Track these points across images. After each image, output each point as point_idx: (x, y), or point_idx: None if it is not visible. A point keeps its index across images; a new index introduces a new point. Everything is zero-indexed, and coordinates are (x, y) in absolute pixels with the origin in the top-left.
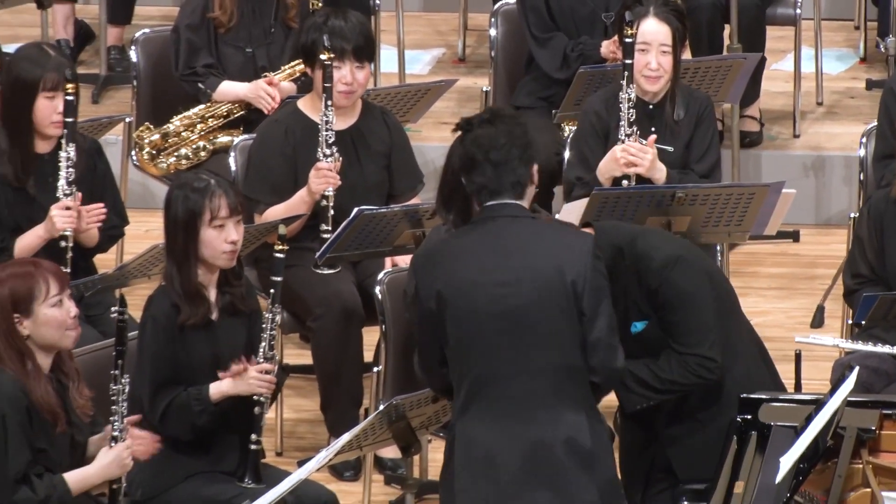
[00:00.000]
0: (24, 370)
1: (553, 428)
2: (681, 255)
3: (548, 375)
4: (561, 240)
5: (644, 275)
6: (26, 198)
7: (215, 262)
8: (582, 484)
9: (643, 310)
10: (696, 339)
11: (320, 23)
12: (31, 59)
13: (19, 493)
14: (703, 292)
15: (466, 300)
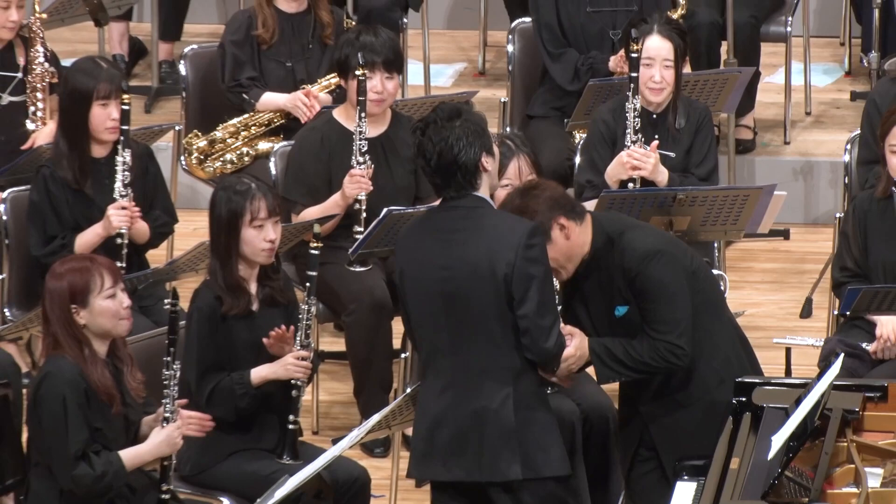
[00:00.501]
0: (81, 356)
1: (481, 401)
2: (662, 249)
3: (479, 353)
4: (497, 230)
5: (627, 263)
6: (84, 198)
7: (255, 258)
8: (503, 456)
9: (625, 296)
10: (666, 327)
11: (353, 38)
12: (85, 70)
13: (78, 469)
14: (678, 286)
15: (416, 281)
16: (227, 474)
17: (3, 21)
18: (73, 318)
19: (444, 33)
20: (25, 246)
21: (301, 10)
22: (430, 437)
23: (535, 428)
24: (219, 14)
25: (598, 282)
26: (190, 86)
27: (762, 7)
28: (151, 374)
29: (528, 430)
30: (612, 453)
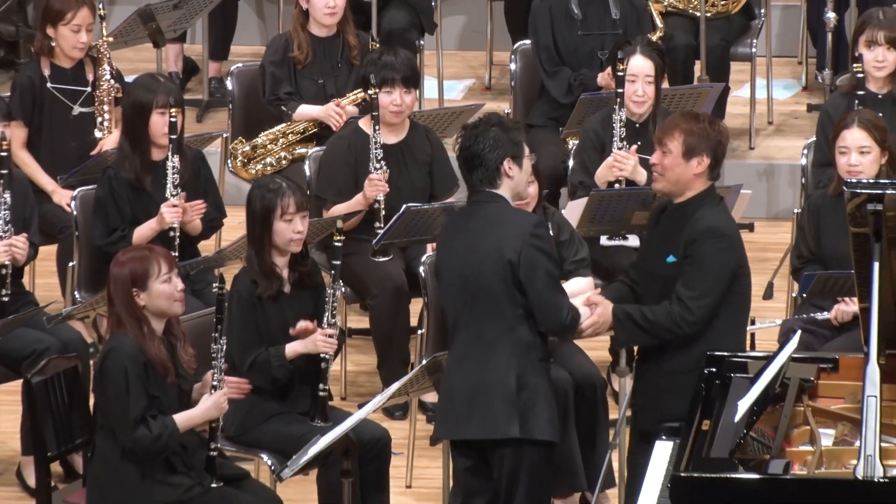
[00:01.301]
0: (141, 333)
1: (488, 372)
2: (727, 234)
3: (489, 329)
4: (506, 222)
5: (695, 228)
6: (144, 196)
7: (286, 248)
8: (504, 421)
9: (678, 252)
10: (691, 293)
11: (376, 58)
12: (144, 85)
13: (138, 432)
14: (720, 269)
15: (444, 266)
16: (266, 435)
17: (75, 42)
18: (133, 300)
19: (455, 54)
20: (92, 237)
21: (331, 35)
22: (448, 403)
23: (533, 396)
24: (260, 37)
25: (671, 228)
26: (236, 99)
27: (731, 31)
28: (201, 349)
29: (528, 397)
30: (600, 417)
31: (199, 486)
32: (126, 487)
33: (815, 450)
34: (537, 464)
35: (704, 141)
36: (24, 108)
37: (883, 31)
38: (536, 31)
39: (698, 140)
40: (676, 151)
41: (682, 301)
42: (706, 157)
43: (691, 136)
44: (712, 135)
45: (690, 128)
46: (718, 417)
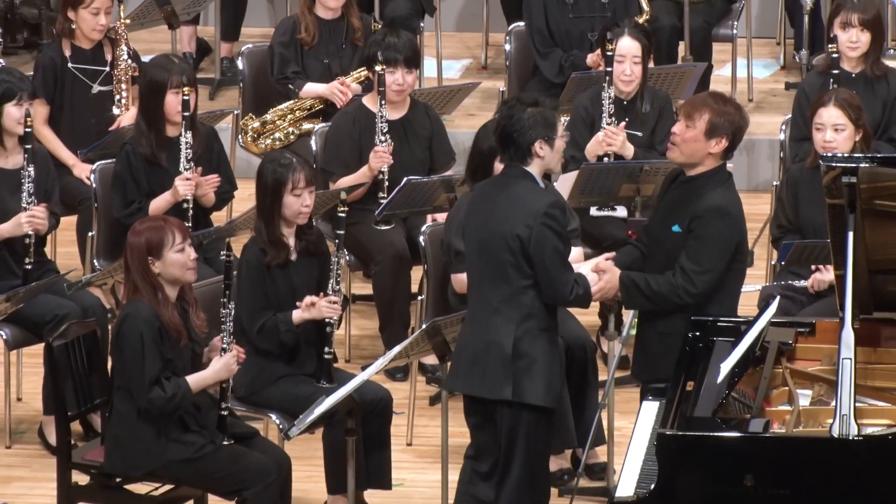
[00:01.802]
0: (155, 299)
1: (490, 334)
2: (732, 212)
3: (495, 295)
4: (525, 199)
5: (701, 204)
6: (160, 170)
7: (294, 220)
8: (499, 381)
9: (684, 224)
10: (694, 266)
11: (379, 39)
12: (160, 65)
13: (153, 392)
14: (724, 244)
15: (466, 230)
16: (274, 395)
17: (94, 25)
18: (149, 267)
19: (453, 35)
20: (110, 208)
21: (336, 17)
22: (457, 358)
23: (529, 362)
24: (269, 19)
25: (680, 199)
26: (246, 78)
27: (713, 13)
28: (213, 314)
29: (525, 363)
30: (589, 378)
31: (210, 444)
32: (142, 445)
33: (793, 409)
34: (533, 428)
35: (728, 124)
36: (46, 87)
37: (856, 14)
38: (530, 13)
39: (722, 121)
40: (700, 128)
41: (686, 274)
42: (725, 140)
43: (718, 117)
44: (736, 119)
45: (718, 108)
46: (702, 379)
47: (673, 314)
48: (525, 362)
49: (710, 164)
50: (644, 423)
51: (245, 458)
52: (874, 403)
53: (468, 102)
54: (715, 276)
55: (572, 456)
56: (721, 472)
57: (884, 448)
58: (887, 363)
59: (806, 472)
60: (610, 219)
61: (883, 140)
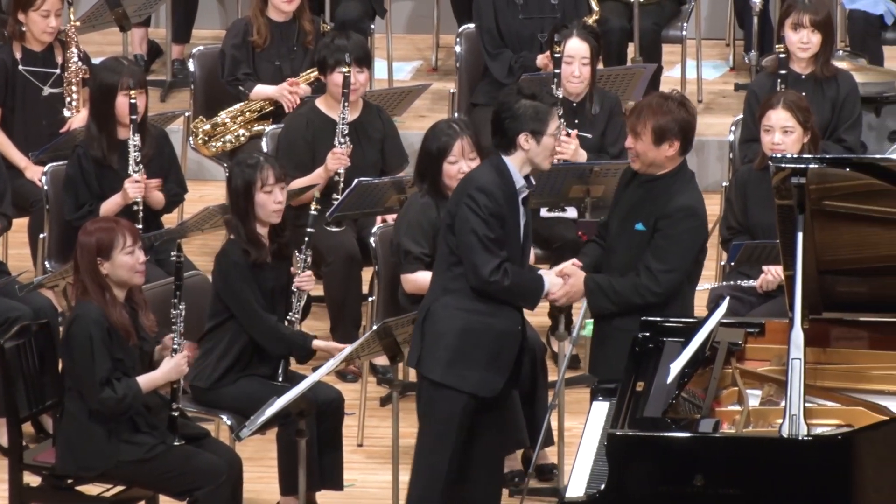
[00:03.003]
0: (104, 300)
1: (429, 303)
2: (699, 214)
3: (438, 271)
4: (468, 178)
5: (669, 204)
6: (111, 172)
7: (268, 219)
8: (430, 351)
9: (649, 222)
10: (660, 265)
11: (329, 42)
12: (110, 68)
13: (104, 393)
14: (691, 244)
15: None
16: (227, 396)
17: (45, 27)
18: (98, 268)
19: (403, 37)
20: (62, 210)
21: (288, 20)
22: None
23: (436, 337)
24: (221, 21)
25: (643, 198)
26: (197, 80)
27: (662, 15)
28: (165, 315)
29: (431, 337)
30: (539, 379)
31: (161, 445)
32: (93, 446)
33: (742, 410)
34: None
35: (673, 123)
36: None
37: (808, 15)
38: (480, 14)
39: (666, 123)
40: (647, 138)
41: (651, 273)
42: (676, 140)
43: (660, 120)
44: (680, 116)
45: (659, 111)
46: (652, 379)
47: (636, 318)
48: (432, 337)
49: (671, 166)
50: (594, 424)
51: (196, 458)
52: (823, 404)
53: (419, 104)
54: (680, 275)
55: (523, 456)
56: (671, 472)
57: (833, 448)
58: (836, 363)
59: (756, 473)
60: (560, 220)
61: (832, 141)
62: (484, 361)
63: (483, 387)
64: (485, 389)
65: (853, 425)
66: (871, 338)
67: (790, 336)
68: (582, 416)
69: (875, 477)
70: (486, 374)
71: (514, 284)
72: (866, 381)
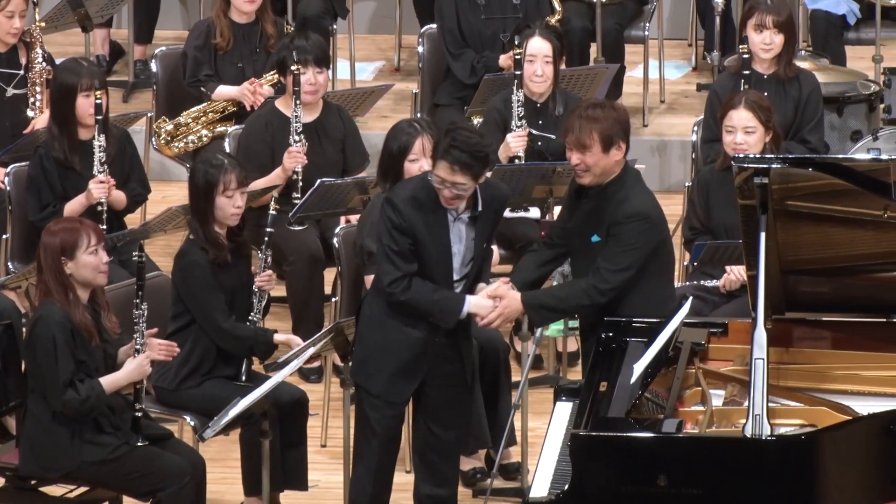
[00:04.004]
0: (67, 300)
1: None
2: (650, 216)
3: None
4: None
5: (619, 211)
6: (73, 173)
7: (226, 221)
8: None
9: (602, 231)
10: (609, 266)
11: (288, 42)
12: (69, 69)
13: (67, 395)
14: (642, 245)
15: None
16: (190, 397)
17: (9, 28)
18: (62, 267)
19: (366, 37)
20: (25, 211)
21: (251, 21)
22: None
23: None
24: (183, 21)
25: (595, 208)
26: (159, 80)
27: (625, 15)
28: (127, 315)
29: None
30: (502, 379)
31: (125, 446)
32: (57, 447)
33: (706, 410)
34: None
35: (616, 127)
36: None
37: (771, 16)
38: (442, 15)
39: (609, 127)
40: (596, 148)
41: (599, 272)
42: (622, 142)
43: (605, 128)
44: (620, 118)
45: (599, 119)
46: (615, 380)
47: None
48: (357, 336)
49: (618, 169)
50: (558, 424)
51: (159, 459)
52: (787, 403)
53: (381, 104)
54: (628, 274)
55: (486, 456)
56: (634, 472)
57: (796, 448)
58: (800, 363)
59: (719, 472)
60: (523, 220)
61: (795, 141)
62: (393, 367)
63: (390, 392)
64: (392, 395)
65: (816, 425)
66: (833, 337)
67: (753, 336)
68: (545, 416)
69: (838, 477)
70: (394, 380)
71: (413, 300)
72: (829, 381)
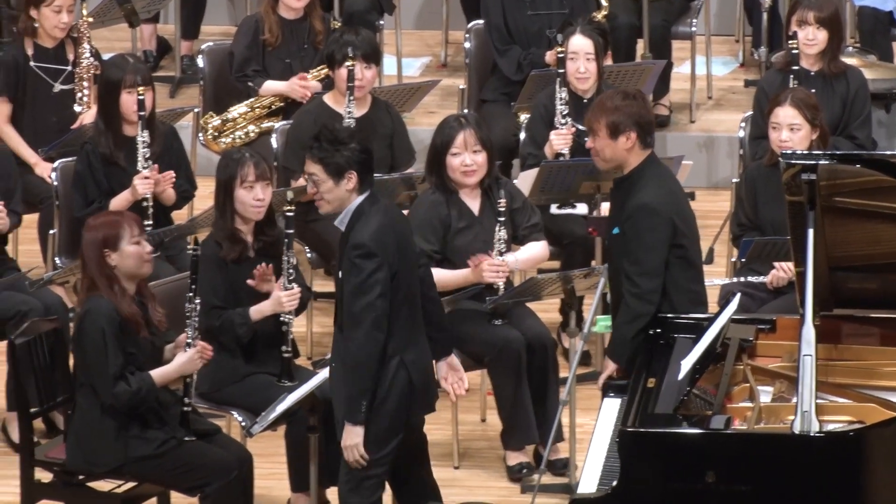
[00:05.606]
0: (112, 292)
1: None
2: (657, 209)
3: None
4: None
5: (630, 203)
6: (119, 169)
7: (246, 214)
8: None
9: (620, 223)
10: (634, 267)
11: (338, 37)
12: (115, 64)
13: (118, 387)
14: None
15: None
16: (237, 393)
17: (57, 23)
18: (105, 260)
19: (413, 33)
20: (72, 206)
21: (299, 17)
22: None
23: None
24: (229, 17)
25: (617, 201)
26: (206, 76)
27: (672, 11)
28: (175, 311)
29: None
30: (550, 375)
31: (172, 440)
32: (104, 442)
33: (754, 406)
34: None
35: (625, 117)
36: (8, 86)
37: (812, 12)
38: (488, 11)
39: (619, 118)
40: (602, 134)
41: (630, 278)
42: (632, 132)
43: (612, 116)
44: (632, 110)
45: (610, 108)
46: (663, 376)
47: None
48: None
49: (636, 160)
50: (605, 420)
51: (207, 454)
52: (835, 400)
53: (428, 100)
54: (655, 277)
55: (534, 452)
56: (682, 469)
57: (844, 444)
58: (848, 360)
59: (767, 469)
60: (570, 216)
61: (843, 137)
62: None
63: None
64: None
65: (864, 422)
66: (882, 334)
67: (801, 332)
68: (593, 412)
69: (886, 473)
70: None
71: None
72: (877, 378)
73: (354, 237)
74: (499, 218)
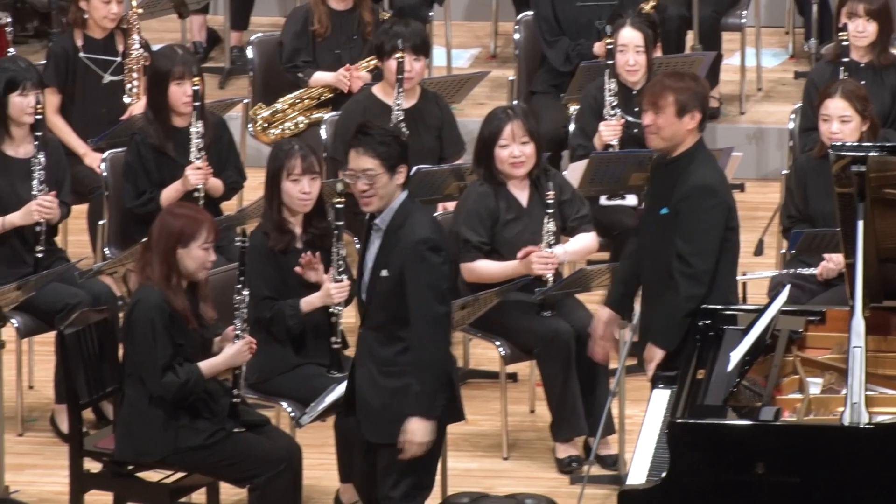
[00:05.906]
0: (168, 284)
1: None
2: (717, 191)
3: None
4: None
5: (686, 184)
6: (169, 160)
7: (293, 206)
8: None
9: (671, 204)
10: (689, 247)
11: (388, 28)
12: (164, 55)
13: (166, 378)
14: (713, 223)
15: None
16: (286, 383)
17: (107, 13)
18: (173, 251)
19: (462, 24)
20: (121, 197)
21: (348, 8)
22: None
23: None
24: (279, 8)
25: (665, 181)
26: (256, 67)
27: (722, 3)
28: (223, 301)
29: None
30: (599, 367)
31: (222, 431)
32: (153, 432)
33: (803, 397)
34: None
35: (694, 97)
36: (58, 76)
37: (862, 4)
38: (537, 2)
39: (688, 97)
40: (670, 111)
41: (684, 259)
42: (697, 112)
43: (682, 94)
44: (699, 90)
45: (679, 87)
46: (712, 367)
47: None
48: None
49: (690, 142)
50: (655, 412)
51: (256, 445)
52: (884, 392)
53: (477, 91)
54: (710, 256)
55: (584, 444)
56: (732, 460)
57: (894, 436)
58: None
59: (816, 460)
60: (620, 208)
61: (893, 129)
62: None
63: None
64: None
65: None
66: None
67: (851, 324)
68: (642, 403)
69: None
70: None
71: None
72: None
73: (418, 232)
74: (547, 210)
